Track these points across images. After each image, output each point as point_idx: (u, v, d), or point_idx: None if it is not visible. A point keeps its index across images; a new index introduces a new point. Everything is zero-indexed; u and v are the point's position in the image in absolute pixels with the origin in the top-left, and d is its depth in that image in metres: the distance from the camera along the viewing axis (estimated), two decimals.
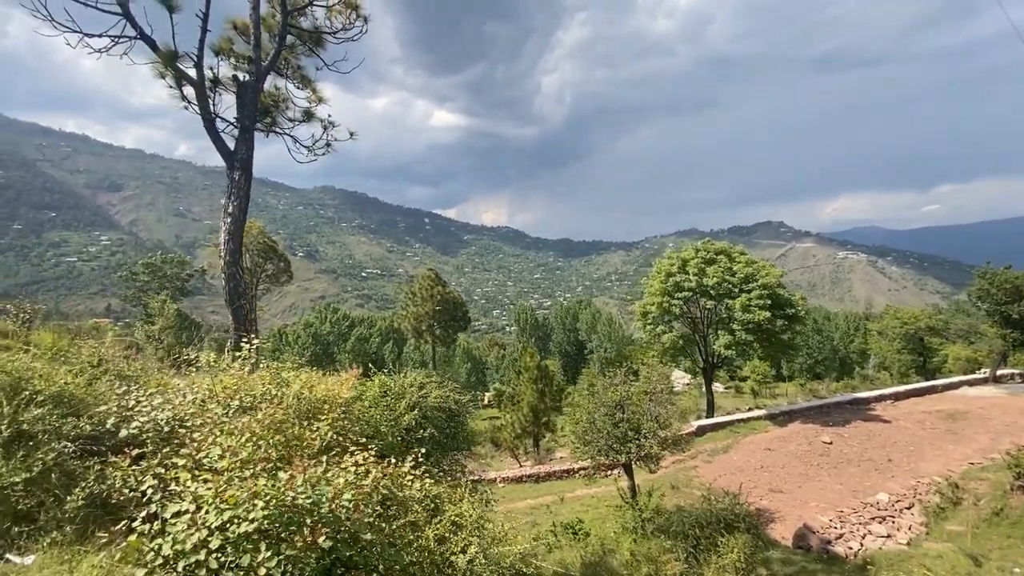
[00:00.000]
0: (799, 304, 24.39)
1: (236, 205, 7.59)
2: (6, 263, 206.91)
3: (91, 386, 3.36)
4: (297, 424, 3.90)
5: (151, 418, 3.19)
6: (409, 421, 6.33)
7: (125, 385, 3.57)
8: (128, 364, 4.36)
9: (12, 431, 2.57)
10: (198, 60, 8.04)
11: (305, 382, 5.48)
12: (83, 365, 3.72)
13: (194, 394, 3.67)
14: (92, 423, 2.97)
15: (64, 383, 3.18)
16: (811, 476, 20.04)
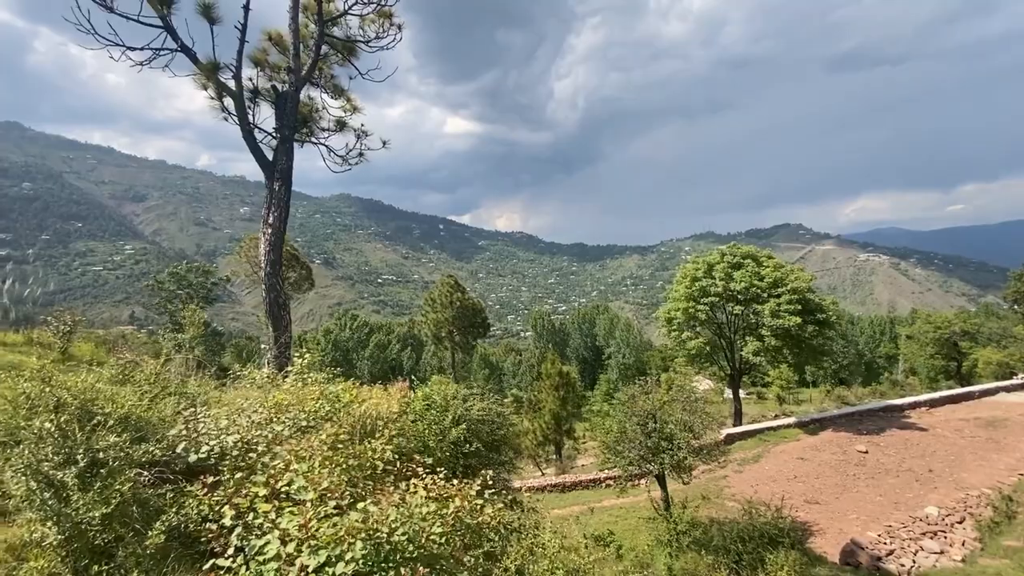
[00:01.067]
0: (830, 309, 23.75)
1: (276, 216, 7.54)
2: (35, 272, 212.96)
3: (153, 407, 3.24)
4: (357, 444, 3.74)
5: (220, 442, 3.05)
6: (457, 435, 6.14)
7: (191, 406, 3.45)
8: (184, 382, 4.25)
9: (87, 460, 2.45)
10: (236, 71, 8.04)
11: (355, 397, 5.33)
12: (144, 384, 3.60)
13: (258, 414, 3.53)
14: (162, 448, 2.83)
15: (131, 405, 3.06)
16: (848, 487, 19.39)
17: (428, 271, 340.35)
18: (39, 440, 2.45)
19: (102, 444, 2.51)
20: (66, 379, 3.00)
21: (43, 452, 2.35)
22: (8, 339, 8.10)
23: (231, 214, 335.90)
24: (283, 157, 7.56)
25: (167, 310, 37.19)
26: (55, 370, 2.98)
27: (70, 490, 2.32)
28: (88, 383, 3.12)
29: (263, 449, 3.07)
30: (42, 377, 2.89)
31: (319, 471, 2.80)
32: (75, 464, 2.38)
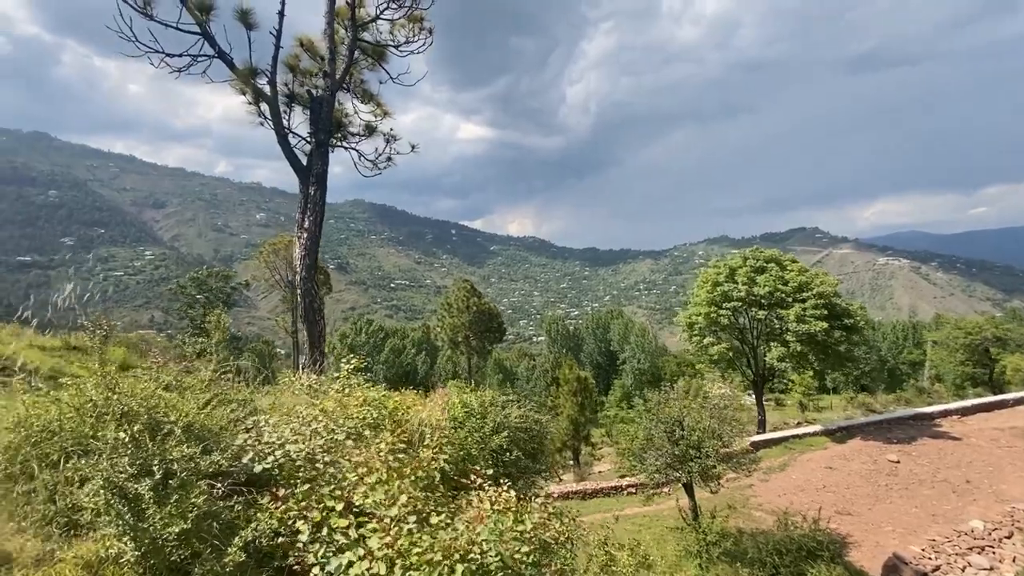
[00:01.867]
0: (857, 314, 23.21)
1: (312, 220, 7.51)
2: (60, 278, 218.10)
3: (211, 415, 3.16)
4: (413, 453, 3.63)
5: (285, 452, 2.95)
6: (499, 443, 6.01)
7: (250, 413, 3.37)
8: (235, 388, 4.18)
9: (162, 472, 2.36)
10: (271, 76, 8.06)
11: (399, 404, 5.24)
12: (200, 392, 3.53)
13: (317, 422, 3.44)
14: (228, 458, 2.74)
15: (195, 414, 2.98)
16: (881, 497, 18.84)
17: (440, 276, 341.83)
18: (114, 451, 2.38)
19: (176, 455, 2.43)
20: (131, 387, 2.94)
21: (120, 464, 2.27)
22: (47, 343, 8.18)
23: (247, 220, 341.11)
24: (318, 161, 7.55)
25: (188, 314, 37.75)
26: (119, 377, 2.92)
27: (146, 504, 2.23)
28: (150, 390, 3.06)
29: (328, 459, 2.97)
30: (107, 385, 2.82)
31: (395, 484, 2.69)
32: (150, 476, 2.30)
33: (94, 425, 2.69)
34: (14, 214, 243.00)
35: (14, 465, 2.51)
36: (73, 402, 2.75)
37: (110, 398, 2.74)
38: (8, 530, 2.31)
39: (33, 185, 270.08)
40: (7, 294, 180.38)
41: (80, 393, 2.78)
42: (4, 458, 2.54)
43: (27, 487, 2.44)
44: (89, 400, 2.73)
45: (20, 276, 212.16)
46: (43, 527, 2.35)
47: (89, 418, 2.69)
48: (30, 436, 2.62)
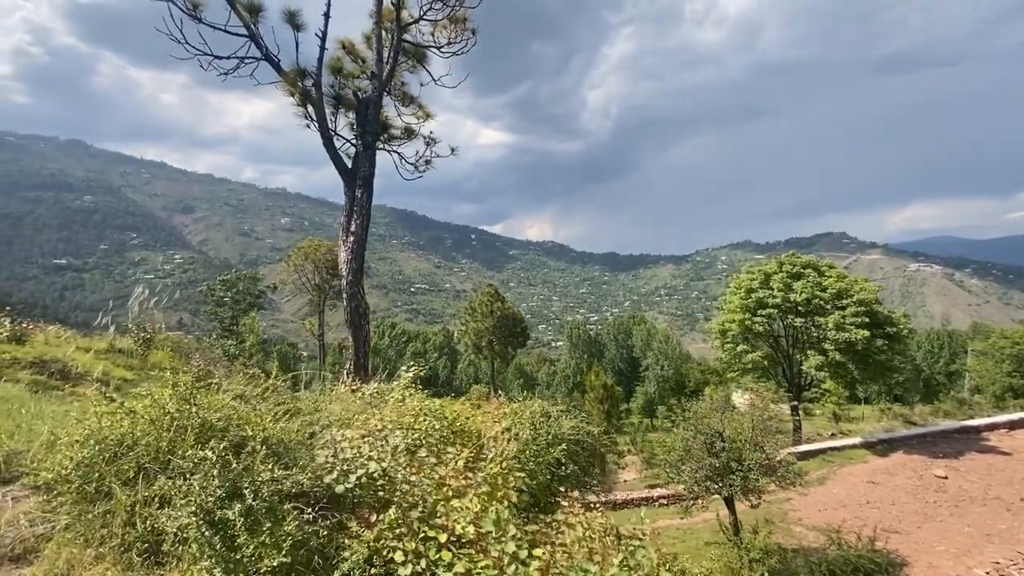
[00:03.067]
0: (900, 322, 22.28)
1: (359, 224, 7.38)
2: (94, 280, 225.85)
3: (285, 428, 2.96)
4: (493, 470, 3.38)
5: (367, 470, 2.73)
6: (557, 456, 5.73)
7: (325, 426, 3.17)
8: (300, 397, 3.99)
9: (253, 494, 2.15)
10: (317, 78, 7.98)
11: (457, 414, 5.00)
12: (268, 402, 3.34)
13: (395, 437, 3.22)
14: (310, 478, 2.53)
15: (273, 428, 2.78)
16: (930, 515, 17.93)
17: (460, 280, 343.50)
18: (200, 470, 2.18)
19: (265, 476, 2.22)
20: (208, 398, 2.75)
21: (211, 486, 2.06)
22: (94, 345, 8.20)
23: (272, 224, 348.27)
24: (365, 164, 7.42)
25: (217, 316, 38.40)
26: (195, 387, 2.73)
27: (238, 531, 2.02)
28: (224, 401, 2.87)
29: (415, 479, 2.73)
30: (183, 396, 2.64)
31: (495, 509, 2.45)
32: (240, 500, 2.09)
33: (171, 440, 2.50)
34: (51, 218, 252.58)
35: (89, 483, 2.33)
36: (149, 414, 2.57)
37: (187, 410, 2.55)
38: (87, 557, 2.12)
39: (70, 191, 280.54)
40: (43, 295, 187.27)
41: (156, 405, 2.60)
42: (78, 475, 2.36)
43: (104, 508, 2.25)
44: (166, 412, 2.55)
45: (56, 278, 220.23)
46: (123, 554, 2.16)
47: (166, 432, 2.50)
48: (103, 451, 2.44)
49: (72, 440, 2.49)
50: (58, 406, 4.54)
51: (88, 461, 2.40)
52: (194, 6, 7.21)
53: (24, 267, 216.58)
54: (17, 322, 7.09)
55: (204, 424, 2.55)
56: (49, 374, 5.48)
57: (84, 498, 2.33)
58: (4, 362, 5.40)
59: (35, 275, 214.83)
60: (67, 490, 2.35)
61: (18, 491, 2.57)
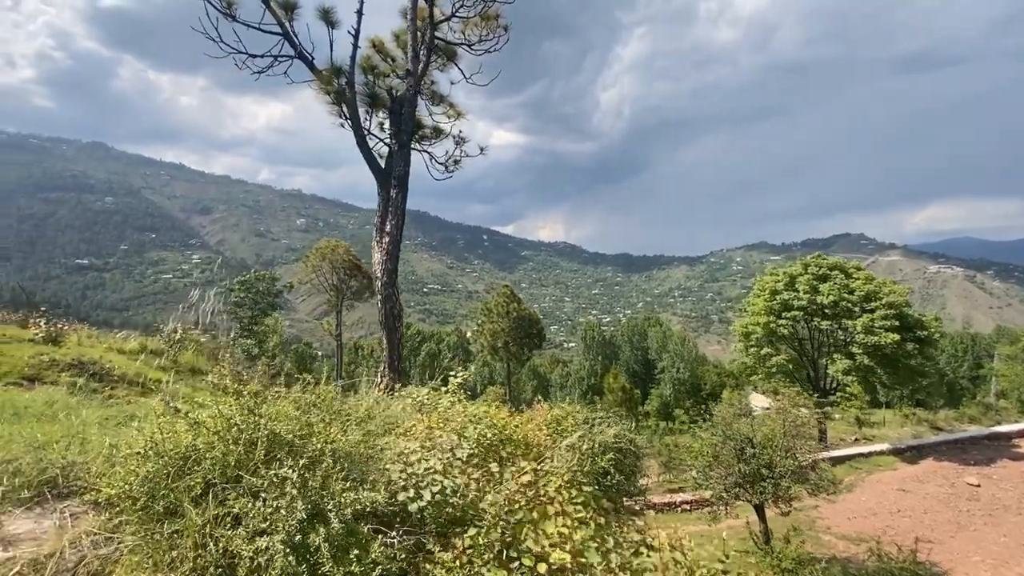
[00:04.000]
0: (932, 326, 21.65)
1: (394, 224, 7.25)
2: (114, 279, 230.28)
3: (354, 441, 2.80)
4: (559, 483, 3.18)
5: (441, 487, 2.55)
6: (604, 465, 5.52)
7: (378, 436, 3.00)
8: (355, 403, 3.83)
9: (338, 517, 1.98)
10: (350, 77, 7.87)
11: (506, 422, 4.81)
12: (326, 411, 3.18)
13: (463, 450, 3.04)
14: (385, 496, 2.35)
15: (342, 440, 2.62)
16: (963, 524, 17.37)
17: (472, 281, 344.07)
18: (276, 489, 2.01)
19: (349, 497, 2.05)
20: (274, 408, 2.60)
21: (296, 508, 1.90)
22: (126, 346, 8.17)
23: (288, 225, 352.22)
24: (400, 163, 7.28)
25: (236, 316, 38.72)
26: (260, 396, 2.58)
27: (324, 559, 1.85)
28: (287, 411, 2.72)
29: (491, 497, 2.55)
30: (248, 406, 2.48)
31: (585, 533, 2.26)
32: (325, 523, 1.92)
33: (239, 454, 2.34)
34: (74, 219, 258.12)
35: (156, 501, 2.17)
36: (214, 426, 2.42)
37: (256, 422, 2.39)
38: None
39: (91, 192, 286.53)
40: (66, 294, 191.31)
41: (221, 416, 2.45)
42: (143, 490, 2.21)
43: (173, 528, 2.09)
44: (232, 424, 2.40)
45: (78, 278, 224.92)
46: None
47: (233, 445, 2.34)
48: (168, 465, 2.29)
49: (134, 452, 2.35)
50: (103, 410, 4.44)
51: (153, 476, 2.25)
52: (228, 4, 7.14)
53: (47, 267, 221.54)
54: (52, 323, 7.06)
55: (272, 437, 2.39)
56: (89, 376, 5.40)
57: (151, 517, 2.18)
58: (43, 364, 5.33)
59: (58, 274, 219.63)
60: (132, 508, 2.21)
61: (76, 507, 2.43)
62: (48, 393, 4.23)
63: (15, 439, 3.00)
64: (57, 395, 4.34)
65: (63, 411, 3.90)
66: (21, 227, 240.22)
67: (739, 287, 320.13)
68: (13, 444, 2.92)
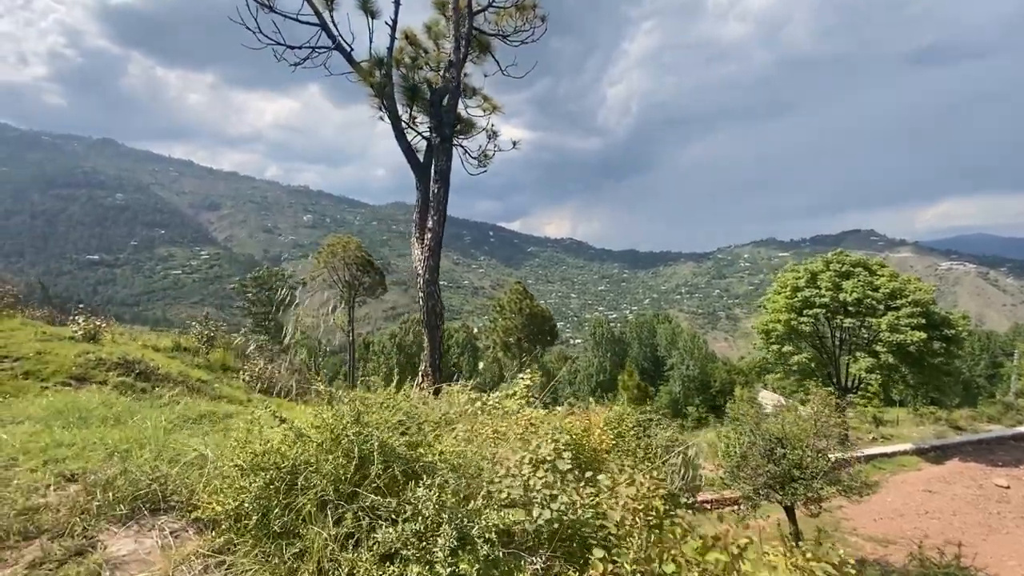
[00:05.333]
0: (959, 324, 21.24)
1: (436, 220, 7.06)
2: (124, 275, 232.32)
3: (463, 452, 2.61)
4: None
5: (559, 504, 2.37)
6: (665, 469, 5.33)
7: (487, 447, 2.83)
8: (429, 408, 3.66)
9: (485, 542, 1.80)
10: (387, 69, 7.66)
11: (572, 424, 4.62)
12: (387, 411, 3.01)
13: (564, 462, 2.85)
14: (517, 514, 2.17)
15: (453, 451, 2.44)
16: (994, 527, 17.05)
17: (478, 277, 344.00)
18: (414, 511, 1.83)
19: (491, 519, 1.86)
20: (379, 416, 2.42)
21: (443, 532, 1.71)
22: (161, 344, 8.06)
23: (295, 222, 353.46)
24: (442, 157, 7.09)
25: (250, 312, 38.80)
26: (362, 404, 2.40)
27: None
28: (388, 419, 2.54)
29: (620, 516, 2.37)
30: (354, 416, 2.30)
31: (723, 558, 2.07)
32: (472, 551, 1.74)
33: (347, 467, 2.17)
34: (84, 215, 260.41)
35: (271, 519, 2.00)
36: (321, 438, 2.24)
37: (369, 434, 2.22)
38: None
39: (102, 188, 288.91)
40: (77, 289, 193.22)
41: (328, 427, 2.27)
42: (256, 506, 2.04)
43: (293, 548, 1.92)
44: (342, 435, 2.22)
45: (89, 273, 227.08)
46: None
47: (344, 459, 2.17)
48: (276, 480, 2.12)
49: (239, 465, 2.18)
50: (156, 410, 4.30)
51: (265, 493, 2.08)
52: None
53: (59, 262, 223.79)
54: (89, 319, 6.95)
55: (385, 449, 2.21)
56: (136, 375, 5.27)
57: (267, 535, 2.01)
58: (90, 363, 5.21)
59: (69, 270, 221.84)
60: (244, 527, 2.04)
61: (173, 523, 2.26)
62: (104, 394, 4.09)
63: (91, 445, 2.85)
64: (112, 397, 4.20)
65: (126, 414, 3.75)
66: (34, 223, 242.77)
67: (746, 284, 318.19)
68: (90, 452, 2.77)
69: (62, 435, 2.96)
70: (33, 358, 5.06)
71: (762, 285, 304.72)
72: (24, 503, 2.19)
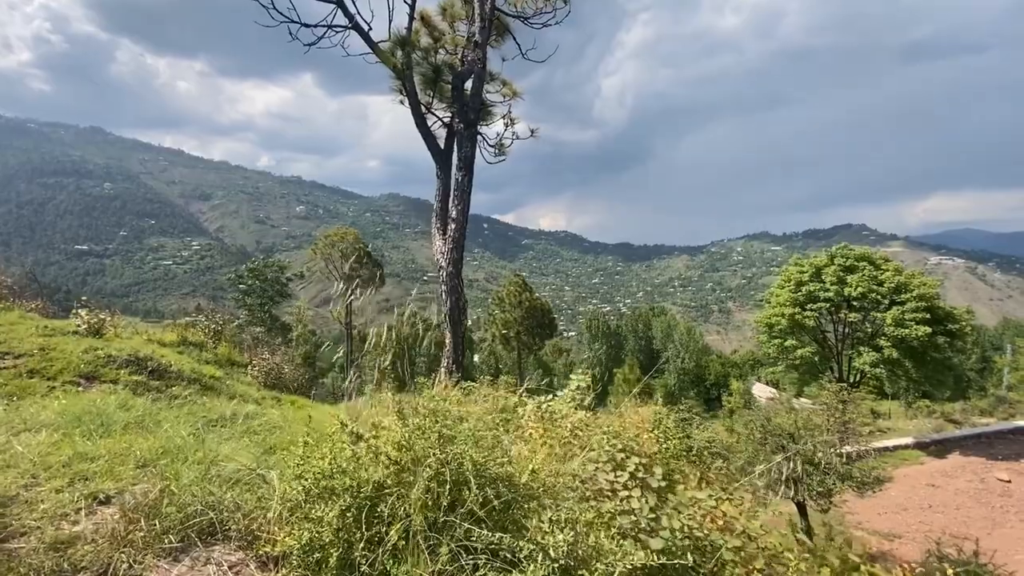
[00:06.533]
0: (963, 318, 21.24)
1: (459, 209, 6.73)
2: (114, 266, 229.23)
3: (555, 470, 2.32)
4: None
5: (671, 527, 2.08)
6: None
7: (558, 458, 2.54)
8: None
9: None
10: (407, 50, 7.27)
11: (625, 428, 4.34)
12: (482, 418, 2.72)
13: (656, 479, 2.57)
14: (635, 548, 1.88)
15: (543, 470, 2.15)
16: (998, 521, 17.12)
17: (472, 269, 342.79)
18: (540, 552, 1.54)
19: (617, 552, 1.57)
20: (456, 428, 2.12)
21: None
22: (166, 338, 7.69)
23: (287, 212, 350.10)
24: (467, 144, 6.73)
25: (246, 304, 38.24)
26: (441, 415, 2.09)
27: None
28: (466, 431, 2.23)
29: (738, 541, 2.09)
30: (440, 431, 2.00)
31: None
32: None
33: (440, 492, 1.86)
34: (72, 204, 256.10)
35: (356, 556, 1.70)
36: (404, 457, 1.93)
37: (458, 455, 1.91)
38: None
39: (90, 177, 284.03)
40: (66, 280, 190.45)
41: (408, 445, 1.96)
42: (337, 540, 1.74)
43: None
44: (429, 455, 1.91)
45: (78, 263, 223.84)
46: None
47: (436, 484, 1.86)
48: (353, 507, 1.82)
49: (307, 488, 1.87)
50: (174, 411, 3.97)
51: (342, 522, 1.78)
52: None
53: (47, 252, 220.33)
54: (92, 313, 6.57)
55: (477, 469, 1.91)
56: (148, 373, 4.93)
57: (345, 569, 1.71)
58: (99, 360, 4.86)
59: (57, 260, 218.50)
60: (321, 563, 1.73)
61: (230, 555, 1.95)
62: (120, 395, 3.76)
63: (119, 457, 2.53)
64: (128, 398, 3.86)
65: (148, 418, 3.42)
66: (21, 212, 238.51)
67: (739, 277, 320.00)
68: (119, 466, 2.44)
69: (84, 446, 2.63)
70: (37, 355, 4.70)
71: (755, 278, 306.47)
72: (54, 534, 1.87)
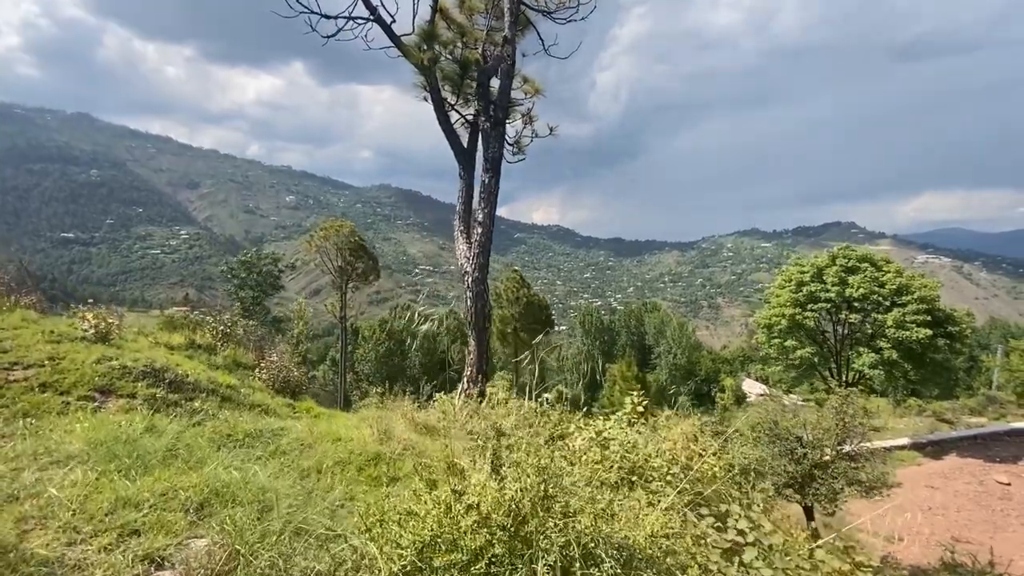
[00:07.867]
0: (963, 321, 21.35)
1: (486, 213, 6.47)
2: (100, 254, 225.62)
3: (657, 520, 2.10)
4: None
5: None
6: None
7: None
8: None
9: None
10: (429, 44, 6.97)
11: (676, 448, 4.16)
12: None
13: (740, 519, 2.36)
14: None
15: (643, 525, 1.93)
16: (999, 524, 17.25)
17: None
18: None
19: None
20: (540, 461, 1.89)
21: None
22: (174, 340, 7.38)
23: (277, 202, 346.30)
24: (495, 143, 6.46)
25: (238, 297, 37.68)
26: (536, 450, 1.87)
27: None
28: (558, 467, 2.02)
29: None
30: (540, 487, 1.78)
31: None
32: None
33: (547, 560, 1.64)
34: (58, 191, 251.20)
35: None
36: (505, 521, 1.70)
37: (565, 515, 1.69)
38: None
39: (76, 164, 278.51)
40: (52, 268, 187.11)
41: (508, 505, 1.73)
42: None
43: None
44: (534, 517, 1.69)
45: (64, 252, 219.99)
46: None
47: (541, 551, 1.64)
48: (423, 560, 1.60)
49: (411, 560, 1.64)
50: (195, 429, 3.72)
51: None
52: None
53: (32, 240, 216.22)
54: (99, 315, 6.24)
55: (596, 538, 1.69)
56: (166, 386, 4.65)
57: None
58: (113, 372, 4.56)
59: (43, 248, 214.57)
60: None
61: None
62: (146, 418, 3.49)
63: (166, 502, 2.28)
64: (158, 421, 3.59)
65: (182, 447, 3.16)
66: (5, 199, 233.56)
67: (729, 273, 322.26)
68: (169, 516, 2.19)
69: (124, 487, 2.37)
70: (47, 365, 4.40)
71: (744, 275, 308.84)
72: None
